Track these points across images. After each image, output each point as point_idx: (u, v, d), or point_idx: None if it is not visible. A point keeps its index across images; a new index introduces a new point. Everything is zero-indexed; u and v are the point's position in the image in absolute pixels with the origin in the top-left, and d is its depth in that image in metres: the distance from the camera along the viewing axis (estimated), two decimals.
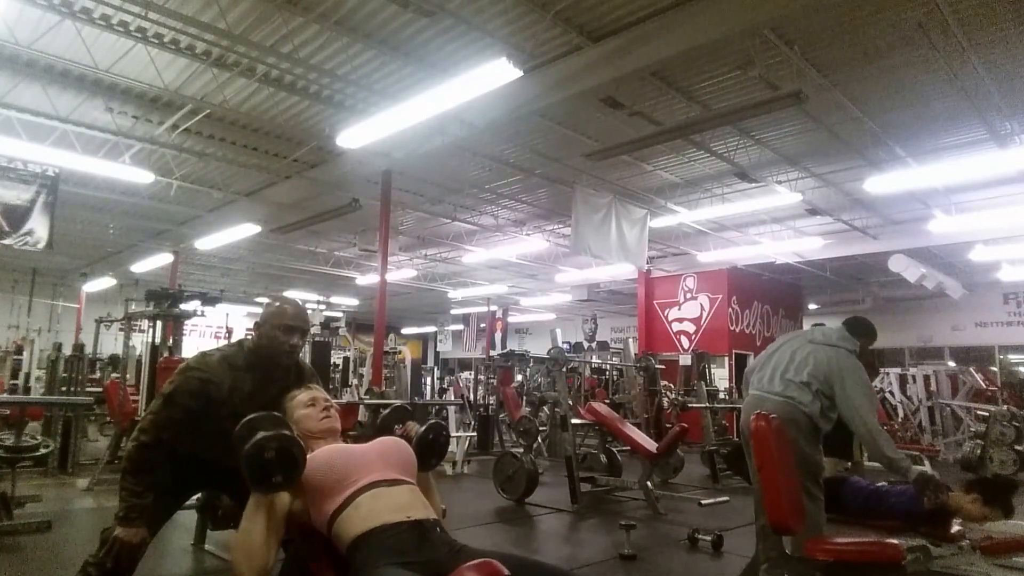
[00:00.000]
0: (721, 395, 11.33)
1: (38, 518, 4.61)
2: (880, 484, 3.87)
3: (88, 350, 9.11)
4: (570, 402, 7.20)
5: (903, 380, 11.71)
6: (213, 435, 2.27)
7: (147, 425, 2.21)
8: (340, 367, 13.33)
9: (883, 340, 8.28)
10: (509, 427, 10.58)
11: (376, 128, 7.14)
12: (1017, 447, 8.57)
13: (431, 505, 2.00)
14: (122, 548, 2.11)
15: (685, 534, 4.86)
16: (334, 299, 21.32)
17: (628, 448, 6.71)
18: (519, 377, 13.89)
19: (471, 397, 12.72)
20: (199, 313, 7.05)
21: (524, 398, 11.68)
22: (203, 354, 2.38)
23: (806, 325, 17.60)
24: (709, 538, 4.67)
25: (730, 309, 14.85)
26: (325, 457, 1.96)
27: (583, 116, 8.12)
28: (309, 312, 15.02)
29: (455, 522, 4.63)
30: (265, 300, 2.25)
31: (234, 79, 7.37)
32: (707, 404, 9.03)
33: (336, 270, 16.68)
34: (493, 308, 21.47)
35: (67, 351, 8.76)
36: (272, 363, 2.36)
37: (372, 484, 1.87)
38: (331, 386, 11.71)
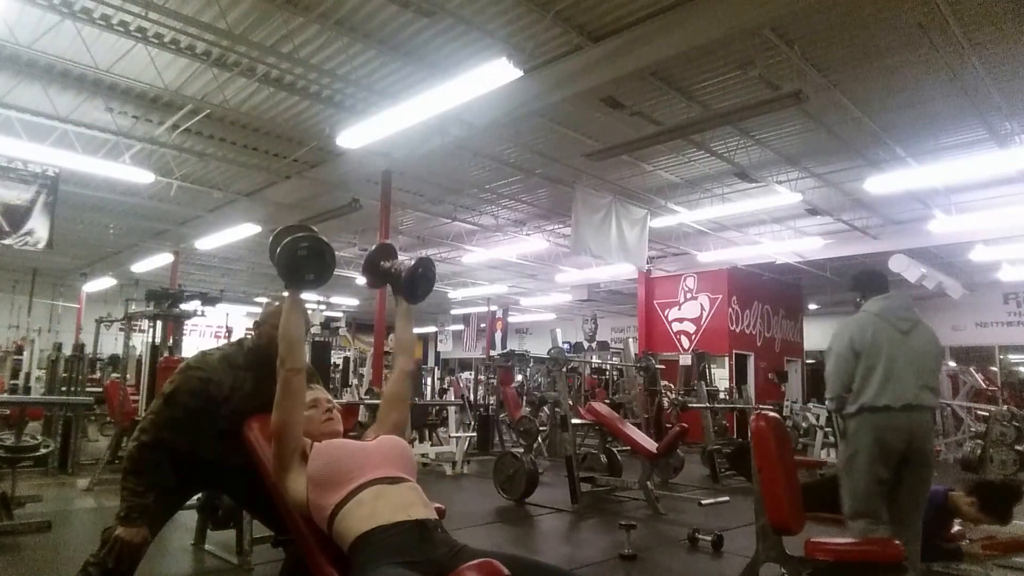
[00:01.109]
0: (721, 395, 11.33)
1: (38, 518, 4.61)
2: None
3: (88, 350, 9.09)
4: (570, 402, 7.20)
5: None
6: (214, 434, 2.27)
7: (148, 425, 2.21)
8: (340, 367, 13.34)
9: None
10: (509, 427, 10.58)
11: (376, 128, 7.14)
12: (1017, 447, 8.57)
13: (404, 334, 2.27)
14: (123, 548, 2.11)
15: (685, 534, 4.86)
16: (334, 299, 21.32)
17: (628, 448, 6.71)
18: (519, 377, 13.90)
19: (471, 397, 12.71)
20: (199, 313, 7.05)
21: (524, 398, 11.68)
22: (203, 353, 2.38)
23: (806, 325, 17.81)
24: (709, 538, 4.67)
25: (730, 309, 14.85)
26: (328, 451, 1.97)
27: (583, 116, 8.12)
28: (309, 312, 15.03)
29: (455, 522, 4.63)
30: (265, 300, 2.27)
31: (234, 79, 7.38)
32: (707, 404, 9.03)
33: (336, 270, 16.62)
34: (493, 308, 21.47)
35: (67, 351, 8.75)
36: (272, 362, 2.35)
37: (374, 481, 1.88)
38: (331, 386, 11.71)
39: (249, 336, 2.48)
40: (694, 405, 9.63)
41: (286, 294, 2.13)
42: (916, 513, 3.11)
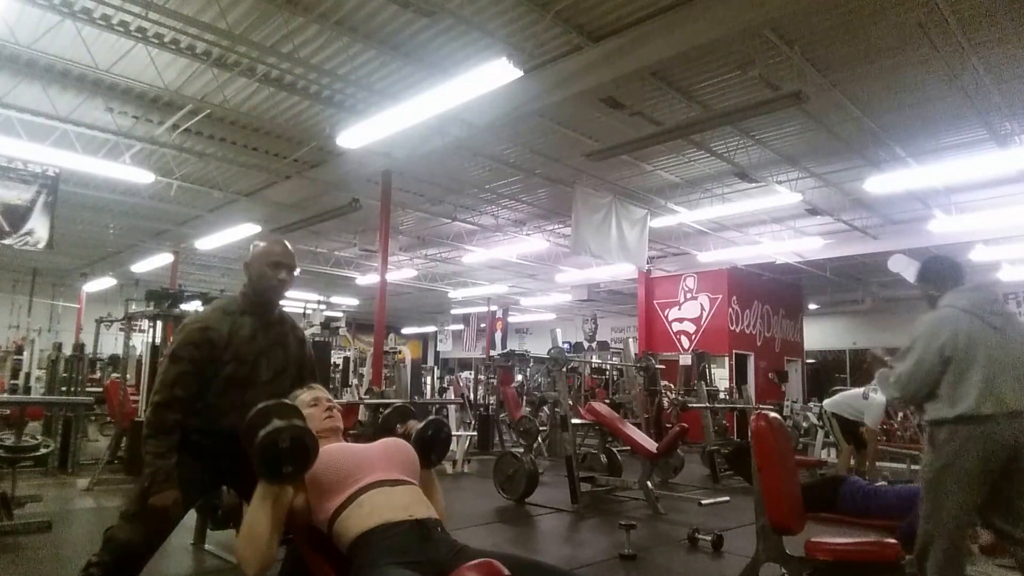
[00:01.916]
0: (721, 395, 11.33)
1: (38, 518, 4.61)
2: (879, 484, 3.88)
3: (88, 350, 9.11)
4: (570, 402, 7.20)
5: None
6: (220, 386, 2.29)
7: (159, 386, 2.24)
8: (340, 367, 13.33)
9: (883, 340, 8.27)
10: (509, 427, 10.58)
11: (376, 128, 7.14)
12: None
13: (434, 504, 2.00)
14: (158, 514, 2.13)
15: (685, 534, 4.86)
16: (334, 299, 21.32)
17: (628, 448, 6.71)
18: (519, 377, 13.89)
19: (471, 397, 12.72)
20: None
21: (524, 398, 11.68)
22: (196, 311, 2.44)
23: (806, 325, 17.81)
24: (709, 538, 4.67)
25: (730, 309, 14.85)
26: (329, 455, 1.97)
27: (583, 116, 8.12)
28: (309, 312, 15.04)
29: (455, 522, 4.63)
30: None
31: (234, 79, 7.38)
32: (707, 404, 9.03)
33: (336, 270, 16.69)
34: (493, 308, 21.47)
35: (67, 351, 8.77)
36: (265, 302, 2.43)
37: (375, 483, 1.88)
38: (331, 386, 11.70)
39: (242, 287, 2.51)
40: (694, 405, 9.63)
41: (258, 488, 1.91)
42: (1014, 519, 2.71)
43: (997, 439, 2.64)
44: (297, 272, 2.53)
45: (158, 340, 6.56)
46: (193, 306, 6.84)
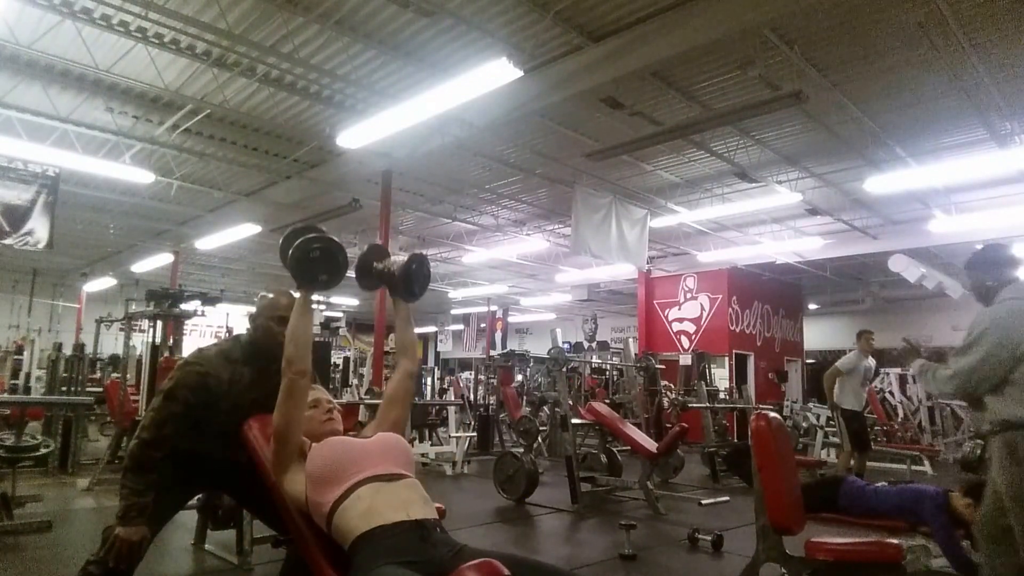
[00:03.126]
0: (721, 395, 11.33)
1: (38, 518, 4.61)
2: (879, 484, 3.88)
3: (88, 350, 9.11)
4: (570, 402, 7.20)
5: (903, 380, 11.71)
6: (214, 430, 2.27)
7: (148, 423, 2.20)
8: (340, 367, 13.34)
9: (883, 340, 8.27)
10: (509, 427, 10.58)
11: (376, 128, 7.14)
12: None
13: (405, 335, 2.27)
14: (123, 547, 2.11)
15: (685, 534, 4.86)
16: (334, 299, 21.31)
17: (628, 448, 6.71)
18: (519, 377, 13.90)
19: (471, 397, 12.72)
20: (199, 313, 7.04)
21: (524, 398, 11.69)
22: (200, 350, 2.39)
23: (806, 325, 17.81)
24: (709, 538, 4.67)
25: (730, 309, 14.85)
26: (327, 448, 1.97)
27: (583, 116, 8.12)
28: None
29: (455, 522, 4.63)
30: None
31: (234, 79, 7.37)
32: (707, 404, 9.03)
33: None
34: (493, 308, 21.47)
35: (67, 351, 8.76)
36: (268, 355, 2.35)
37: (373, 478, 1.88)
38: (331, 386, 11.71)
39: (246, 331, 2.48)
40: (694, 405, 9.64)
41: (296, 293, 2.14)
42: None
43: None
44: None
45: (158, 340, 6.56)
46: (193, 306, 6.85)
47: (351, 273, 2.32)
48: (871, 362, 6.96)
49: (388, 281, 2.30)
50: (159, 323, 6.52)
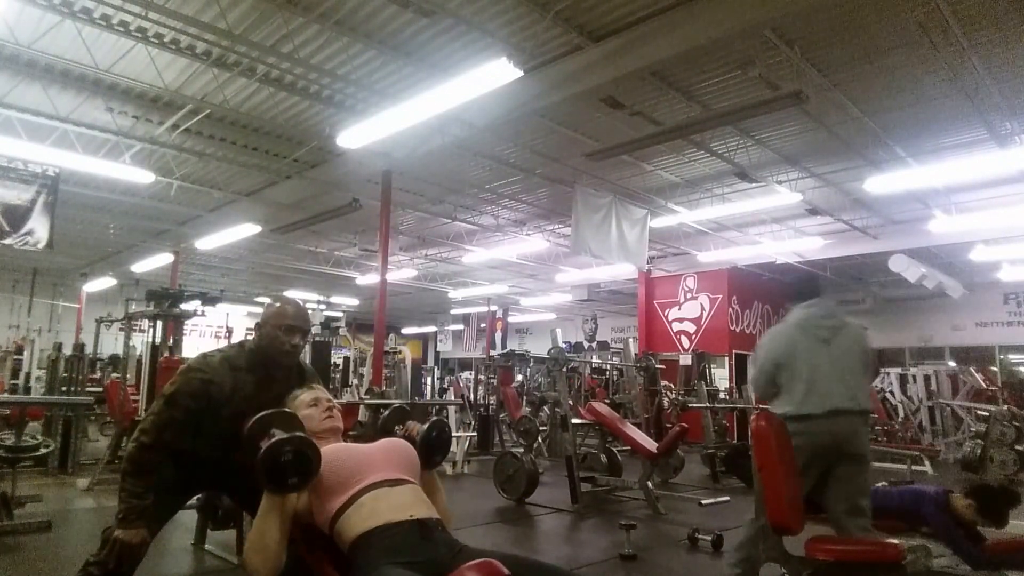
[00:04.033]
0: (721, 395, 11.33)
1: (38, 518, 4.61)
2: (879, 484, 3.87)
3: (88, 350, 9.10)
4: (570, 402, 7.20)
5: (903, 380, 11.71)
6: (214, 435, 2.27)
7: (148, 426, 2.20)
8: (340, 367, 13.33)
9: (883, 340, 8.26)
10: (509, 427, 10.58)
11: (376, 128, 7.13)
12: (1017, 447, 8.56)
13: (437, 505, 2.02)
14: (122, 549, 2.11)
15: (685, 534, 4.86)
16: (334, 299, 21.32)
17: (628, 448, 6.71)
18: (519, 377, 13.89)
19: (471, 397, 12.72)
20: (199, 313, 7.05)
21: (524, 398, 11.68)
22: (204, 355, 2.37)
23: None
24: (709, 538, 4.67)
25: (730, 309, 14.85)
26: (330, 456, 1.97)
27: (583, 116, 8.12)
28: (309, 312, 15.03)
29: (455, 522, 4.62)
30: (266, 300, 2.25)
31: (234, 79, 7.37)
32: (707, 404, 9.02)
33: (336, 270, 16.68)
34: (493, 308, 21.46)
35: (67, 351, 8.75)
36: (273, 363, 2.36)
37: (375, 484, 1.88)
38: (331, 386, 11.71)
39: (250, 338, 2.48)
40: (694, 405, 9.63)
41: (264, 497, 1.95)
42: (854, 506, 3.08)
43: (818, 435, 3.04)
44: (311, 333, 2.51)
45: (158, 340, 6.56)
46: (193, 306, 6.85)
47: (349, 272, 2.31)
48: None
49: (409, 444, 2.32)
50: (159, 323, 6.52)
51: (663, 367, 10.56)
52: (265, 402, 2.23)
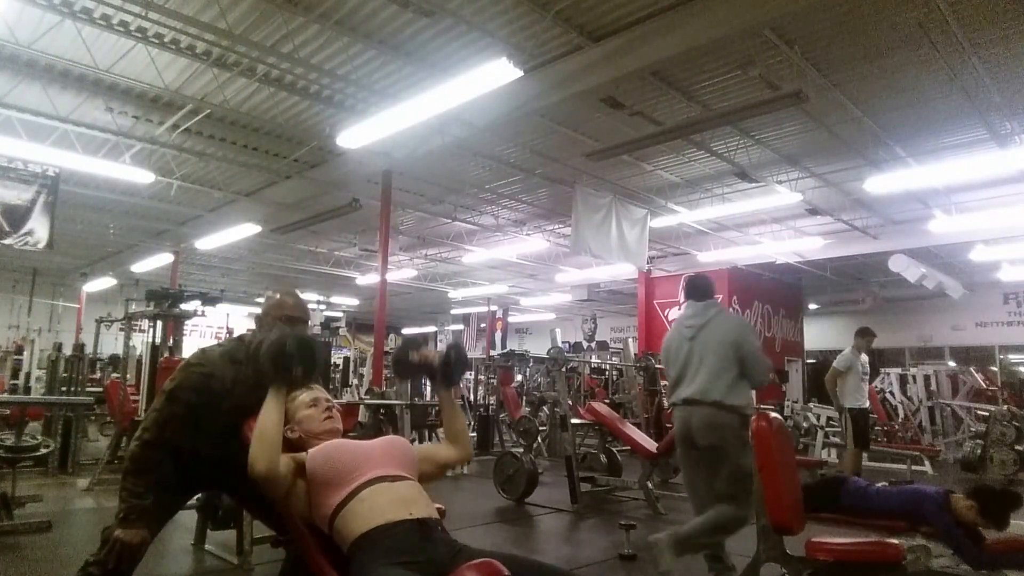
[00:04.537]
0: None
1: (38, 518, 4.61)
2: (880, 484, 3.87)
3: (88, 350, 9.10)
4: (570, 402, 7.19)
5: (903, 380, 11.71)
6: (216, 430, 2.26)
7: (150, 424, 2.19)
8: (340, 367, 13.33)
9: (883, 340, 8.26)
10: (509, 427, 10.58)
11: (376, 128, 7.14)
12: (1017, 447, 8.56)
13: (456, 425, 2.25)
14: (122, 549, 2.10)
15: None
16: (334, 299, 21.32)
17: (628, 448, 6.70)
18: (519, 377, 13.89)
19: (471, 397, 12.72)
20: (199, 313, 7.04)
21: (524, 398, 11.68)
22: (203, 350, 2.37)
23: (806, 325, 17.82)
24: None
25: (731, 309, 14.84)
26: (329, 451, 1.96)
27: (583, 116, 8.12)
28: (310, 311, 15.03)
29: (455, 522, 4.63)
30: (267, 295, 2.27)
31: (234, 79, 7.37)
32: None
33: (336, 270, 16.68)
34: (493, 308, 21.46)
35: (67, 351, 8.76)
36: None
37: (374, 480, 1.88)
38: (331, 386, 11.70)
39: (250, 332, 2.47)
40: None
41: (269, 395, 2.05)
42: (713, 493, 3.40)
43: (678, 423, 3.57)
44: (311, 323, 2.51)
45: (158, 340, 6.56)
46: (193, 306, 6.85)
47: (349, 272, 2.34)
48: (865, 357, 6.97)
49: (428, 371, 2.34)
50: (159, 323, 6.52)
51: (663, 367, 10.54)
52: (265, 395, 2.24)
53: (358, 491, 1.84)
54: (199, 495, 3.88)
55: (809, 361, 17.97)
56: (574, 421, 6.78)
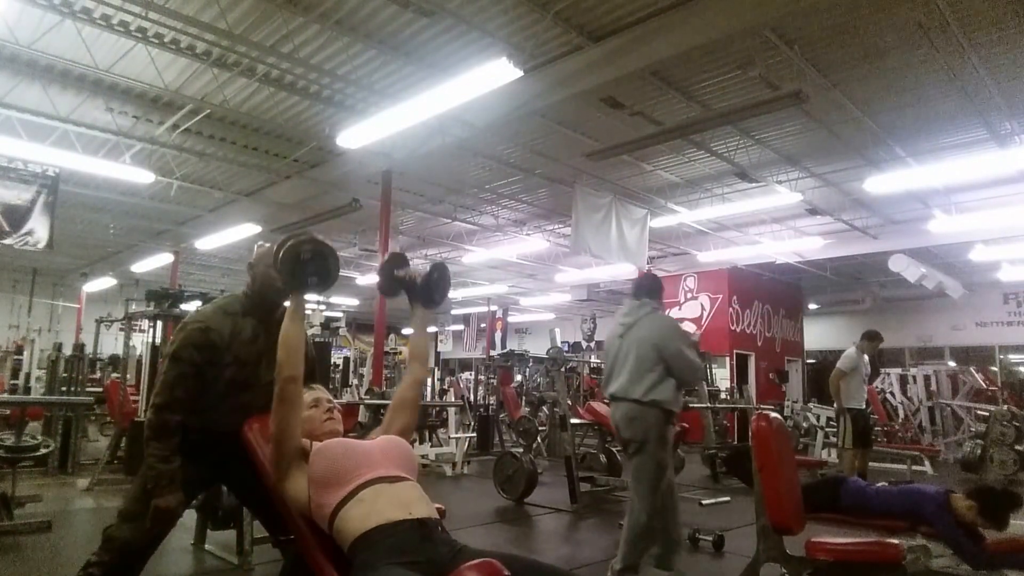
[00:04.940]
0: (722, 395, 11.33)
1: (38, 518, 4.61)
2: (879, 484, 3.87)
3: (88, 350, 9.10)
4: (569, 402, 7.19)
5: (903, 380, 11.71)
6: (220, 391, 2.27)
7: (160, 388, 2.22)
8: (340, 367, 13.34)
9: (884, 340, 8.24)
10: (509, 427, 10.58)
11: (376, 128, 7.14)
12: (1017, 447, 8.57)
13: (420, 349, 2.31)
14: (162, 515, 2.14)
15: (686, 534, 4.85)
16: (334, 299, 21.30)
17: None
18: (519, 377, 13.89)
19: (471, 397, 12.71)
20: None
21: (524, 398, 11.68)
22: (197, 309, 2.41)
23: (806, 325, 17.82)
24: (710, 538, 4.67)
25: (731, 309, 14.85)
26: (330, 450, 1.97)
27: (583, 116, 8.12)
28: (309, 312, 15.04)
29: (455, 522, 4.63)
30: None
31: (234, 79, 7.37)
32: (708, 404, 9.02)
33: None
34: (493, 308, 21.47)
35: (67, 351, 8.76)
36: (271, 304, 2.38)
37: (374, 480, 1.88)
38: (331, 386, 11.71)
39: (244, 287, 2.48)
40: (695, 405, 9.62)
41: (288, 303, 2.13)
42: (638, 488, 3.63)
43: (611, 417, 3.81)
44: None
45: (158, 340, 6.56)
46: (193, 306, 6.85)
47: (349, 272, 2.35)
48: (867, 358, 6.98)
49: (409, 287, 2.35)
50: (159, 323, 6.52)
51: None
52: (265, 348, 2.28)
53: (358, 491, 1.84)
54: (199, 495, 3.88)
55: (809, 361, 17.98)
56: (574, 421, 6.78)
